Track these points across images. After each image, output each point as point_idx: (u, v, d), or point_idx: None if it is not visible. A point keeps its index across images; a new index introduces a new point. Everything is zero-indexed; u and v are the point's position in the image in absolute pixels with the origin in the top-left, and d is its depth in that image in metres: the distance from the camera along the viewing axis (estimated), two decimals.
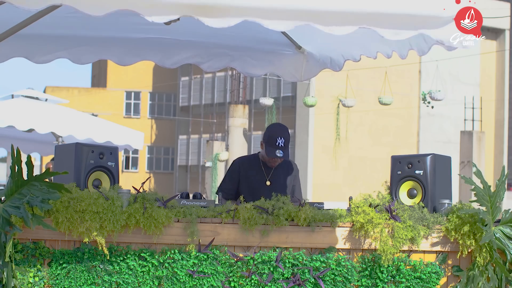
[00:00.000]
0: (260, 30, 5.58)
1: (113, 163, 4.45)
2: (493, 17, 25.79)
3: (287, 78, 6.11)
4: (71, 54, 5.53)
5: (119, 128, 10.92)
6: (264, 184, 5.25)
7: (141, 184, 4.27)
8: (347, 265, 4.16)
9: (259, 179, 5.26)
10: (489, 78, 38.09)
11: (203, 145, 39.67)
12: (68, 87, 44.40)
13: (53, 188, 3.94)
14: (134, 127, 16.31)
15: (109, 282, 4.06)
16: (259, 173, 5.28)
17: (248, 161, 5.36)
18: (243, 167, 5.31)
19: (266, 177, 5.27)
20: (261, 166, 5.30)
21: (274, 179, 5.27)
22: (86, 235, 3.99)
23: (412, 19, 3.81)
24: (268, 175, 5.27)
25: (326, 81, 30.20)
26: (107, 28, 5.41)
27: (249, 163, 5.34)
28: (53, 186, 3.95)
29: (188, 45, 5.76)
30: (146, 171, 44.82)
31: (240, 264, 4.13)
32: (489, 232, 4.11)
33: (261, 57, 5.93)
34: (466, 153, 24.34)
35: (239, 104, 26.19)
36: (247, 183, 5.26)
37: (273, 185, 5.23)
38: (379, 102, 20.74)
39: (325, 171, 33.79)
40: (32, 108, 10.07)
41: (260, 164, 5.31)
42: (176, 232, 4.11)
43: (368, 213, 4.17)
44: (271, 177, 5.27)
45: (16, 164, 3.92)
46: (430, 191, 4.40)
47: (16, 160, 3.92)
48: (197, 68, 41.27)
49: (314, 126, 34.17)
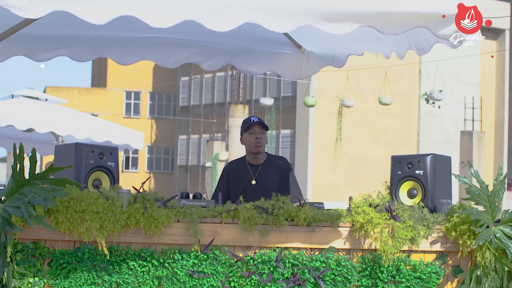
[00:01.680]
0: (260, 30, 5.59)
1: (113, 163, 4.45)
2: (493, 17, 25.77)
3: (287, 77, 6.13)
4: (71, 52, 5.54)
5: (119, 128, 10.92)
6: (250, 184, 5.33)
7: (141, 184, 4.27)
8: (347, 265, 4.16)
9: (245, 178, 5.36)
10: (489, 78, 38.08)
11: (203, 145, 39.67)
12: (68, 87, 44.38)
13: (57, 184, 3.92)
14: (134, 127, 16.31)
15: (109, 282, 4.06)
16: (245, 173, 5.38)
17: (236, 164, 5.50)
18: (231, 171, 5.46)
19: (252, 176, 5.35)
20: (247, 166, 5.40)
21: (260, 178, 5.34)
22: (86, 235, 3.99)
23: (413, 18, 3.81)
24: (254, 175, 5.35)
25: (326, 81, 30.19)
26: (107, 28, 5.40)
27: (237, 165, 5.47)
28: (57, 182, 3.93)
29: (188, 45, 5.76)
30: (146, 171, 44.81)
31: (240, 264, 4.13)
32: (485, 233, 4.10)
33: (261, 56, 5.95)
34: (466, 153, 24.34)
35: (239, 104, 26.20)
36: (235, 184, 5.37)
37: (258, 184, 5.31)
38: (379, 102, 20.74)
39: (325, 171, 33.77)
40: (32, 108, 10.07)
41: (247, 164, 5.41)
42: (176, 232, 4.12)
43: (368, 213, 4.17)
44: (257, 176, 5.34)
45: (18, 162, 3.91)
46: (430, 191, 4.40)
47: (18, 157, 3.91)
48: (197, 68, 41.30)
49: (314, 126, 34.15)
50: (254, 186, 5.30)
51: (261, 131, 5.34)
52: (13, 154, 3.94)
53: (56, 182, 3.93)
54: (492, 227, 4.18)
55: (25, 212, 3.85)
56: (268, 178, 5.33)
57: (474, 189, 4.24)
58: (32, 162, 3.94)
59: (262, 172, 5.35)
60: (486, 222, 4.15)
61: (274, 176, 5.35)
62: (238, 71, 27.74)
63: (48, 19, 4.76)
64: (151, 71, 45.12)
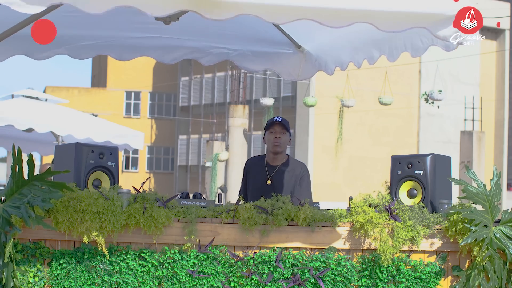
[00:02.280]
0: (259, 30, 5.60)
1: (113, 163, 4.45)
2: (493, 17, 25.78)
3: (284, 77, 6.14)
4: (70, 50, 5.56)
5: (119, 128, 10.92)
6: (265, 183, 5.28)
7: (141, 184, 4.27)
8: (347, 265, 4.16)
9: (261, 178, 5.31)
10: (489, 78, 38.07)
11: (203, 145, 39.66)
12: (68, 87, 44.37)
13: (55, 187, 3.94)
14: (134, 127, 16.30)
15: (109, 282, 4.06)
16: (262, 172, 5.33)
17: (256, 161, 5.46)
18: (250, 167, 5.43)
19: (267, 176, 5.30)
20: (265, 165, 5.35)
21: (275, 178, 5.29)
22: (86, 235, 3.99)
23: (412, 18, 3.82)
24: (270, 174, 5.30)
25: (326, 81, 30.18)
26: (106, 27, 5.42)
27: (256, 163, 5.43)
28: (54, 185, 3.95)
29: (187, 42, 5.77)
30: (146, 171, 44.80)
31: (240, 264, 4.13)
32: (478, 232, 4.10)
33: (260, 54, 5.96)
34: (466, 153, 24.32)
35: (239, 104, 26.20)
36: (251, 182, 5.35)
37: (273, 184, 5.25)
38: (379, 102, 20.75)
39: (325, 171, 33.76)
40: (32, 108, 10.07)
41: (264, 163, 5.36)
42: (176, 232, 4.11)
43: (368, 213, 4.17)
44: (273, 176, 5.29)
45: (17, 164, 3.92)
46: (430, 191, 4.40)
47: (17, 159, 3.92)
48: (197, 68, 41.29)
49: (314, 126, 34.15)
50: (268, 186, 5.24)
51: (282, 131, 5.26)
52: (12, 155, 3.95)
53: (54, 185, 3.95)
54: (492, 227, 4.18)
55: (25, 213, 3.85)
56: (283, 180, 5.28)
57: (471, 188, 4.24)
58: (30, 166, 3.95)
59: (278, 174, 5.29)
60: (484, 222, 4.15)
61: (289, 179, 5.29)
62: (238, 71, 27.74)
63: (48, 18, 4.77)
64: (151, 71, 45.11)
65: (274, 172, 5.30)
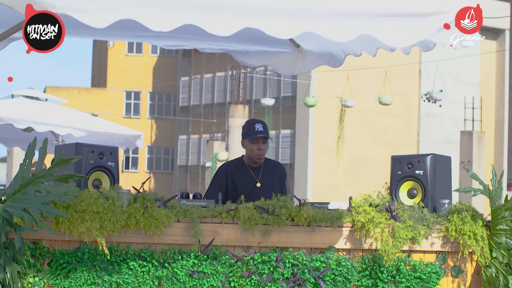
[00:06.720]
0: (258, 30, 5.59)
1: (113, 163, 4.45)
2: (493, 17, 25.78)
3: (281, 71, 6.12)
4: None
5: (119, 128, 10.92)
6: (255, 186, 5.22)
7: (141, 184, 4.27)
8: (347, 265, 4.16)
9: (249, 182, 5.23)
10: (489, 78, 38.08)
11: (203, 145, 39.65)
12: (68, 87, 44.38)
13: (61, 180, 3.88)
14: (134, 127, 16.30)
15: (109, 282, 4.06)
16: (247, 176, 5.25)
17: (234, 166, 5.32)
18: (229, 174, 5.27)
19: (256, 179, 5.25)
20: (248, 168, 5.28)
21: (264, 180, 5.25)
22: (86, 235, 3.99)
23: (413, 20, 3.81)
24: (258, 177, 5.26)
25: (326, 81, 30.19)
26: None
27: (236, 168, 5.30)
28: (60, 179, 3.87)
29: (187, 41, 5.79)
30: (146, 171, 44.81)
31: (240, 264, 4.12)
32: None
33: (258, 50, 5.96)
34: (466, 153, 24.32)
35: (239, 104, 26.20)
36: (236, 188, 5.20)
37: (263, 186, 5.21)
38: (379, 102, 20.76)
39: (325, 171, 33.77)
40: (31, 107, 10.07)
41: (247, 167, 5.29)
42: (176, 232, 4.11)
43: (369, 212, 4.17)
44: (261, 178, 5.26)
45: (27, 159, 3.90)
46: (430, 191, 4.40)
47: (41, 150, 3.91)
48: (197, 68, 41.31)
49: (314, 126, 34.15)
50: (259, 188, 5.19)
51: (265, 141, 5.22)
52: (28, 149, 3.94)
53: (59, 179, 3.89)
54: None
55: (26, 214, 3.82)
56: (270, 181, 5.27)
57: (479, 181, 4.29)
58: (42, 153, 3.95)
59: (264, 175, 5.27)
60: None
61: (275, 181, 5.29)
62: (238, 71, 27.74)
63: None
64: (151, 71, 45.13)
65: (261, 175, 5.26)
